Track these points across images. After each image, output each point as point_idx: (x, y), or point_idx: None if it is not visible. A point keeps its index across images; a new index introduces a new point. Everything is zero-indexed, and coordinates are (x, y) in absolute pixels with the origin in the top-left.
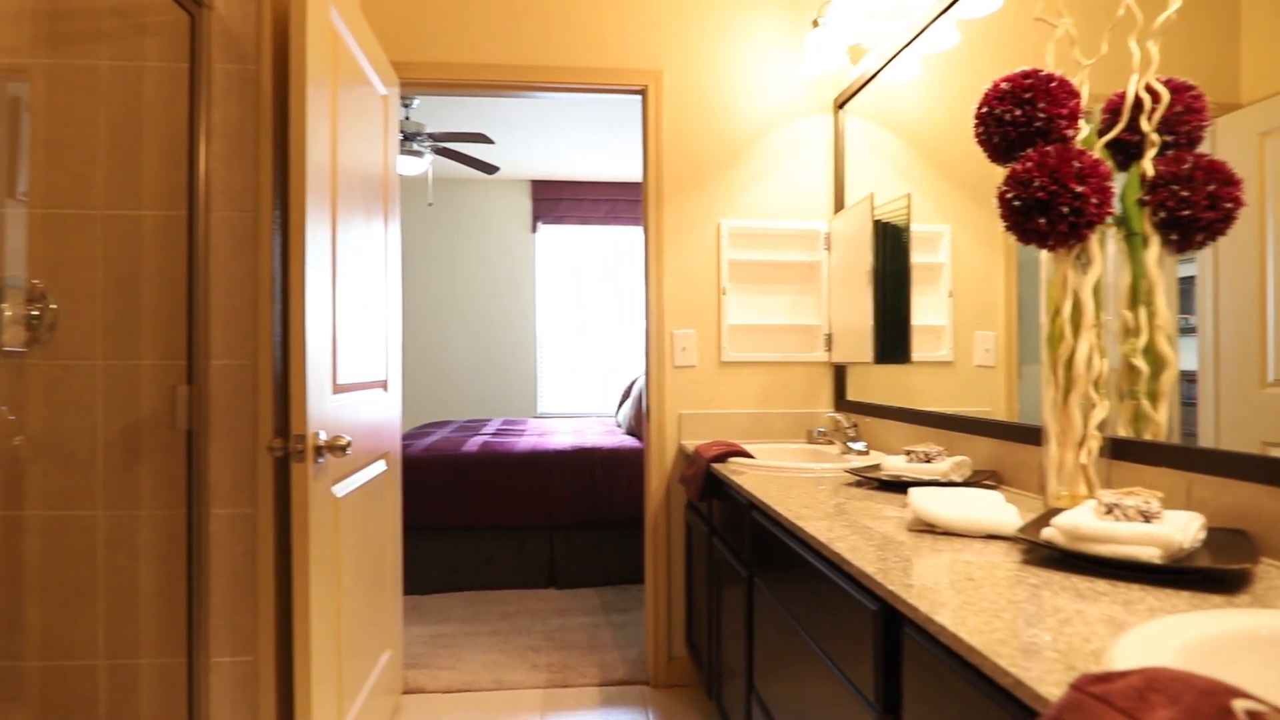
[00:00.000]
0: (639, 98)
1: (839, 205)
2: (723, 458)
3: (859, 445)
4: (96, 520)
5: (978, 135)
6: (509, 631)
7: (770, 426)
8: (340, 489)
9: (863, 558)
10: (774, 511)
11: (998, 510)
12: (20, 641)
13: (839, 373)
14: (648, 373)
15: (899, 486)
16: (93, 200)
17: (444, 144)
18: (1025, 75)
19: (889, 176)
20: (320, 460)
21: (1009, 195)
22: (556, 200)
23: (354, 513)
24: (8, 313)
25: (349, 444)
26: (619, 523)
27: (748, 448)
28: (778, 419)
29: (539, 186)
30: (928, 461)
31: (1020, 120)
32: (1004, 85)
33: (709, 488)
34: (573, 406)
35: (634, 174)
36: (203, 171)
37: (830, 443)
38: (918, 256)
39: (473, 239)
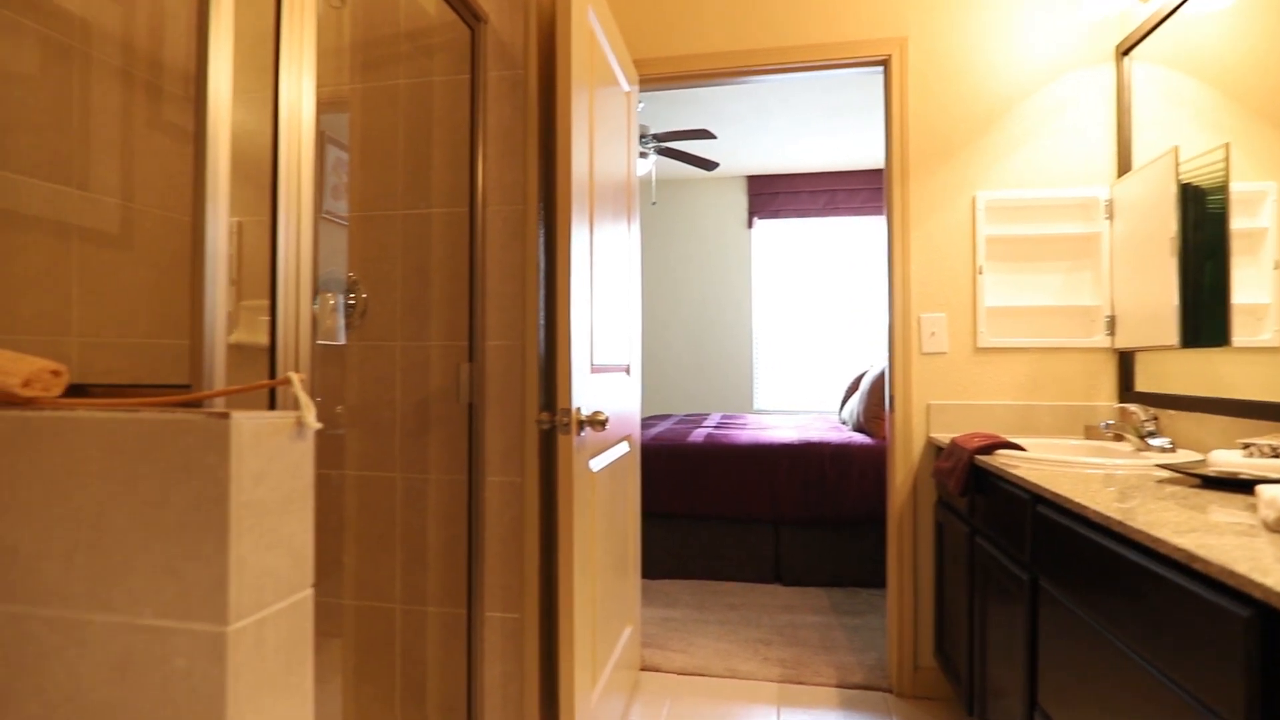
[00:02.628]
0: (880, 70)
1: (1123, 167)
2: (988, 449)
3: (1160, 441)
4: (395, 481)
5: None
6: (737, 622)
7: (1036, 420)
8: (595, 464)
9: (1225, 556)
10: (1080, 506)
11: None
12: (340, 582)
13: (1124, 360)
14: (891, 361)
15: (1231, 485)
16: (394, 202)
17: (667, 144)
18: None
19: (1189, 130)
20: (581, 434)
21: None
22: (773, 195)
23: (605, 488)
24: (330, 302)
25: (607, 419)
26: (847, 521)
27: (1016, 441)
28: (1044, 412)
29: (755, 181)
30: (1277, 457)
31: None
32: None
33: (971, 482)
34: (791, 403)
35: (857, 161)
36: (481, 170)
37: (1117, 438)
38: (1232, 222)
39: (690, 237)
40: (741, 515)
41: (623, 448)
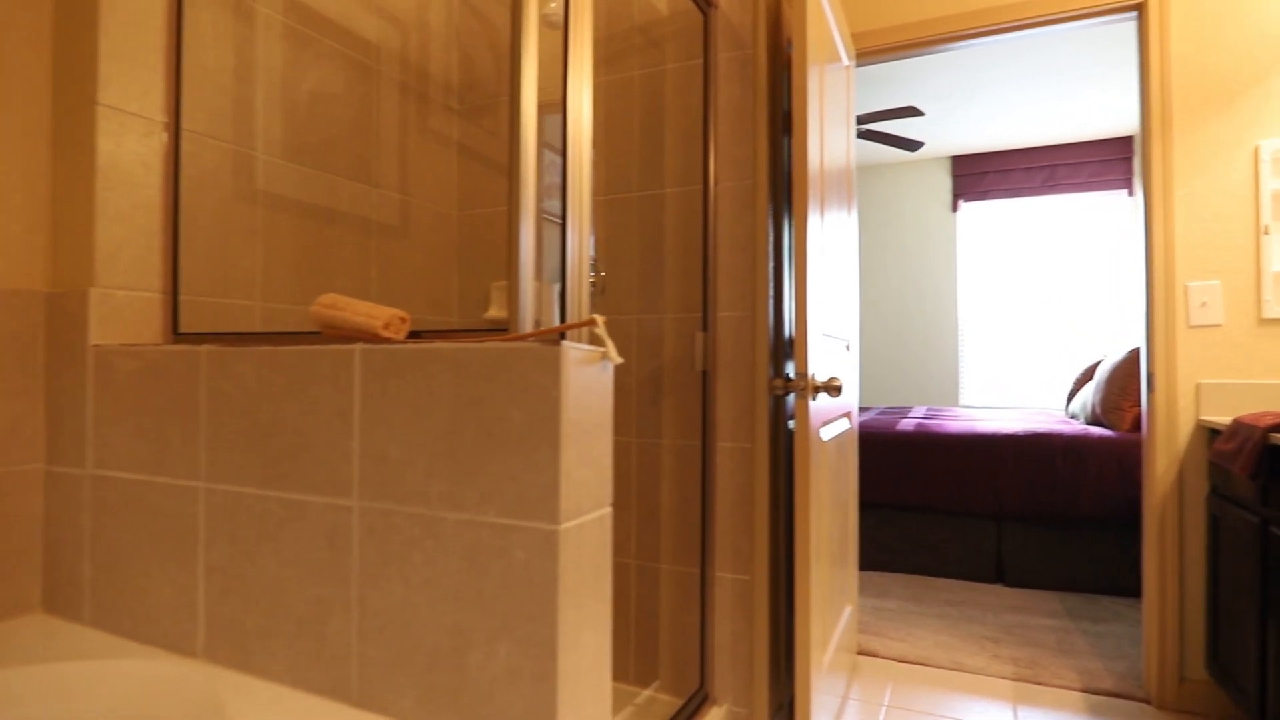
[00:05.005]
0: (1130, 17)
1: None
2: None
3: None
4: (630, 445)
5: None
6: (957, 618)
7: None
8: (824, 434)
9: None
10: None
11: None
12: None
13: None
14: (1149, 337)
15: None
16: (629, 185)
17: (869, 125)
18: None
19: None
20: (814, 399)
21: None
22: (981, 174)
23: (831, 460)
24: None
25: (842, 386)
26: (1082, 520)
27: None
28: None
29: (960, 162)
30: None
31: None
32: None
33: (1264, 464)
34: (1003, 398)
35: (1081, 131)
36: (712, 149)
37: None
38: None
39: (888, 223)
40: (958, 509)
41: (844, 423)
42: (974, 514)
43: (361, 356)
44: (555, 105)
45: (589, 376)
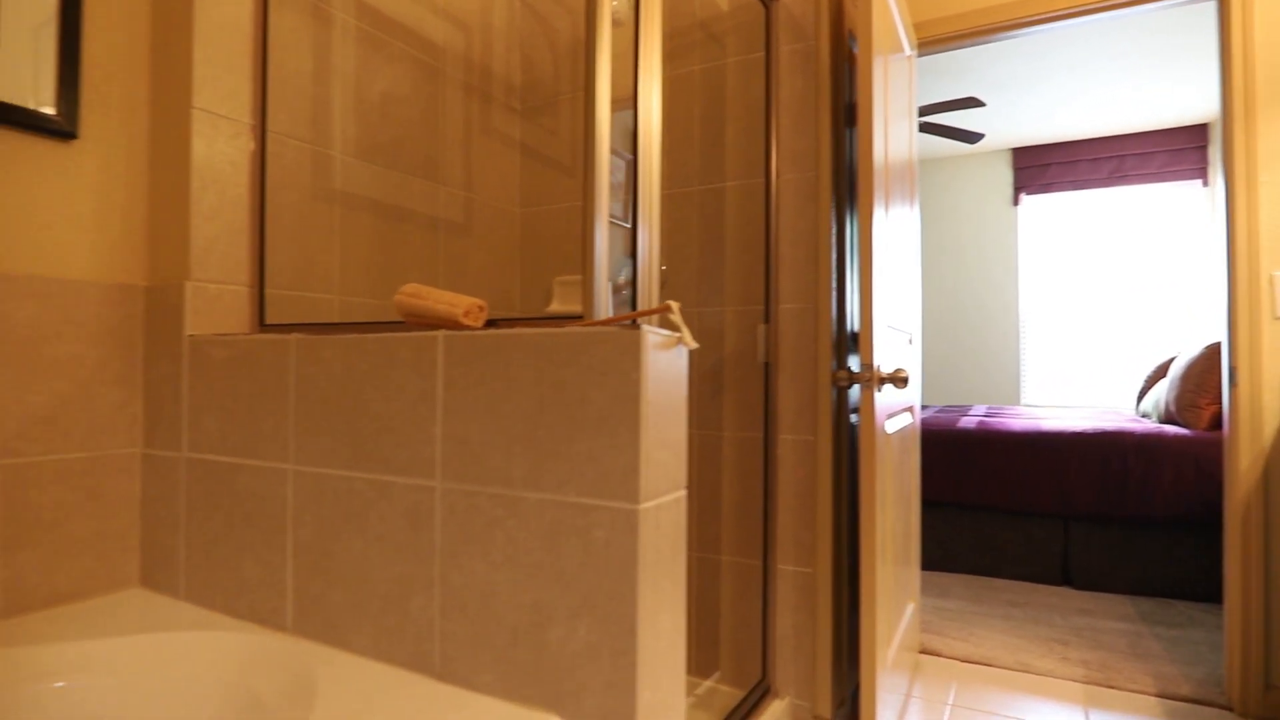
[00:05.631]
0: (1211, 1)
1: None
2: None
3: None
4: (692, 438)
5: None
6: (1021, 619)
7: None
8: (888, 427)
9: None
10: None
11: None
12: None
13: None
14: (1232, 329)
15: None
16: (690, 179)
17: (927, 117)
18: None
19: None
20: (879, 391)
21: None
22: (1043, 166)
23: (894, 453)
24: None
25: (907, 377)
26: (1155, 521)
27: None
28: None
29: (1022, 154)
30: None
31: None
32: None
33: None
34: (1068, 397)
35: (1152, 120)
36: (774, 142)
37: None
38: None
39: (945, 219)
40: (1022, 508)
41: (906, 417)
42: (1039, 514)
43: (444, 343)
44: (622, 102)
45: (666, 361)
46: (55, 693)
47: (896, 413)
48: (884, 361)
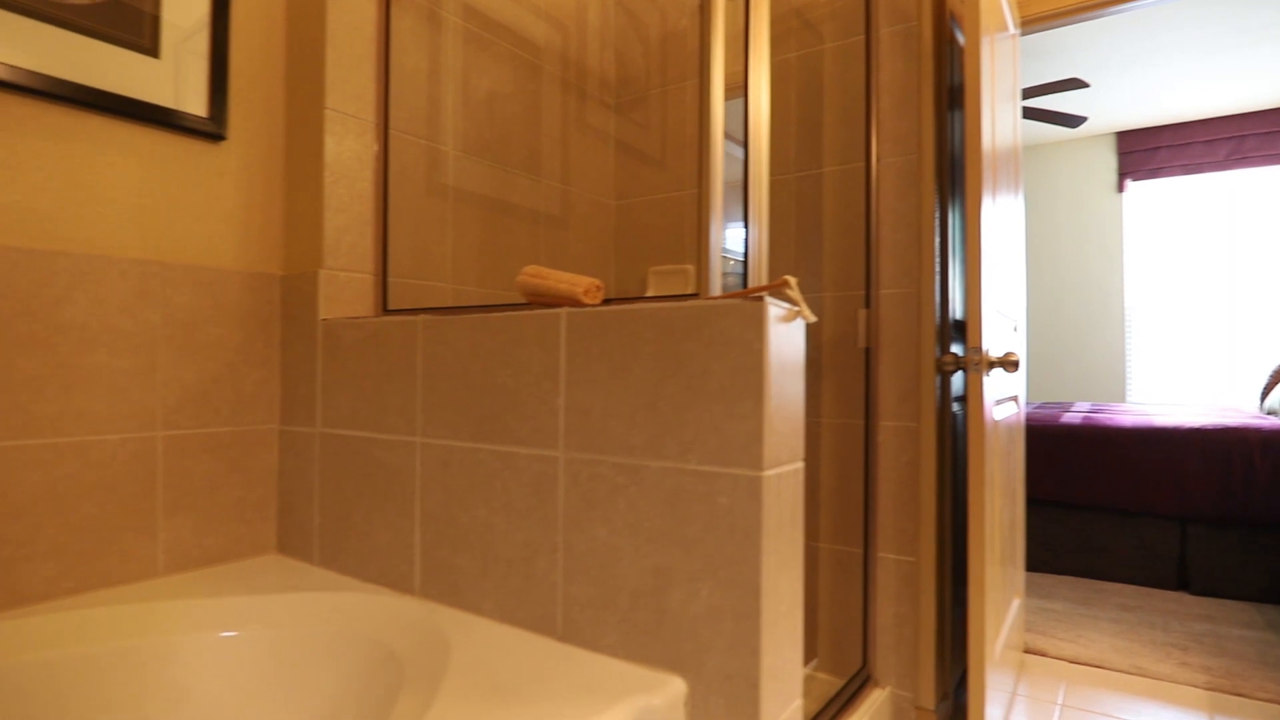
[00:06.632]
0: None
1: None
2: None
3: None
4: None
5: None
6: (1134, 623)
7: None
8: (995, 414)
9: None
10: None
11: None
12: None
13: None
14: None
15: None
16: (786, 166)
17: (1026, 101)
18: None
19: None
20: (988, 375)
21: None
22: (1151, 150)
23: (1001, 442)
24: (730, 263)
25: (1018, 361)
26: None
27: None
28: None
29: (1127, 137)
30: None
31: None
32: None
33: None
34: (1178, 394)
35: (1277, 97)
36: (874, 125)
37: None
38: None
39: (1042, 208)
40: (1133, 509)
41: (1011, 406)
42: (1151, 515)
43: (568, 319)
44: (730, 91)
45: (785, 334)
46: (226, 641)
47: (1002, 401)
48: (992, 346)
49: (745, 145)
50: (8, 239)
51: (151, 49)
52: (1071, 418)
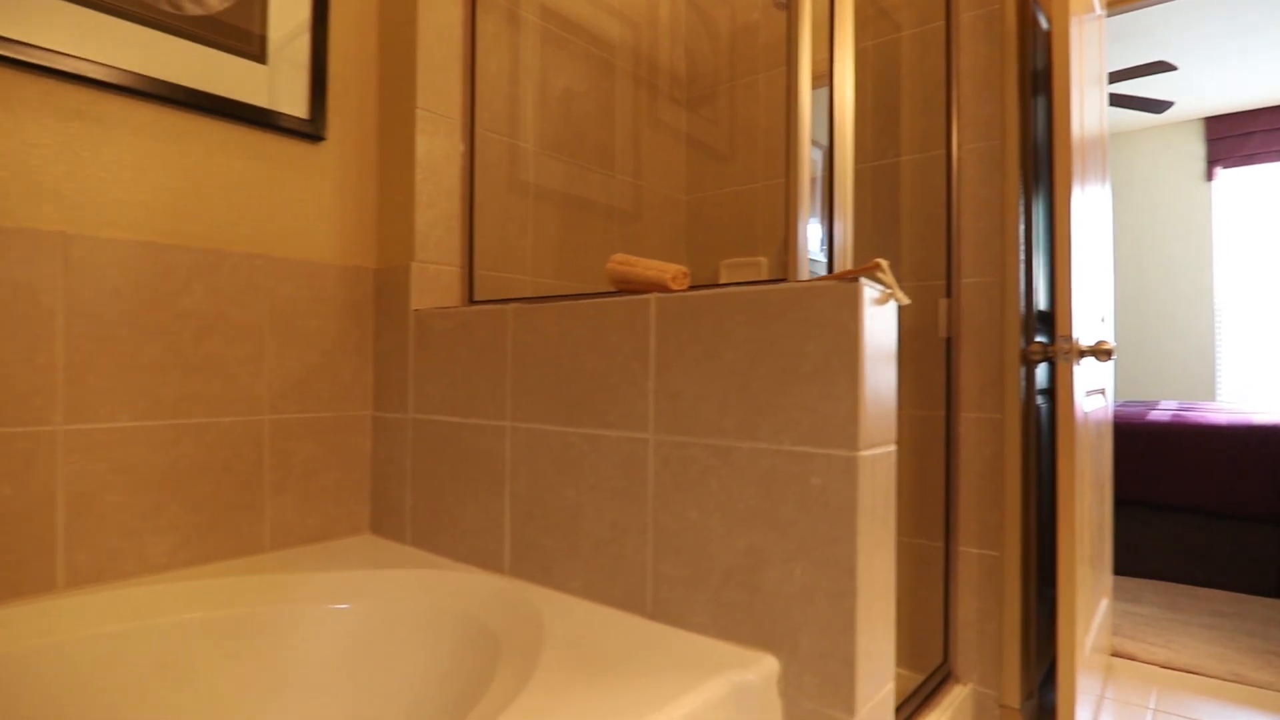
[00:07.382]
0: None
1: None
2: None
3: None
4: None
5: None
6: (1230, 630)
7: None
8: (1084, 405)
9: None
10: None
11: None
12: None
13: None
14: None
15: None
16: (864, 155)
17: (1109, 86)
18: None
19: None
20: (1079, 364)
21: None
22: (1243, 136)
23: (1090, 436)
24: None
25: (1111, 350)
26: None
27: None
28: None
29: (1216, 123)
30: None
31: None
32: None
33: None
34: (1273, 394)
35: None
36: (955, 111)
37: None
38: None
39: (1124, 198)
40: (1228, 511)
41: (1099, 399)
42: (1249, 518)
43: (657, 304)
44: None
45: (879, 316)
46: (340, 613)
47: (1091, 392)
48: (1081, 335)
49: (830, 135)
50: (136, 234)
51: (259, 55)
52: (1159, 415)
